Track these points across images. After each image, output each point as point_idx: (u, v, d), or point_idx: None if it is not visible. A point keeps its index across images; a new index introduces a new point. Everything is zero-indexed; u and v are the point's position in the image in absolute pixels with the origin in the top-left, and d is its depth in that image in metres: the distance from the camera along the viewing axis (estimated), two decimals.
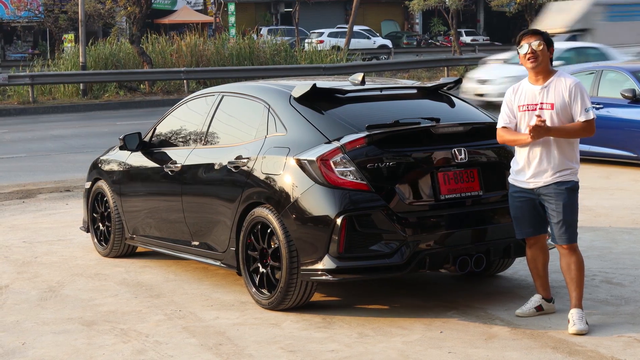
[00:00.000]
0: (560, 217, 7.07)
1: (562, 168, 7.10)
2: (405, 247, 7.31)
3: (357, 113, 7.92)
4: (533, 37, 7.15)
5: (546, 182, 7.11)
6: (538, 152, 7.11)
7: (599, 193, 13.05)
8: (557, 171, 7.09)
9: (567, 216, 7.08)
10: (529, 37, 7.17)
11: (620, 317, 7.42)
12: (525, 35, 7.22)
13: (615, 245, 9.96)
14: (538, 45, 7.10)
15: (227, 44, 38.84)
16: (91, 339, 7.28)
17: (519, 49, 7.19)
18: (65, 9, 49.83)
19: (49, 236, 11.34)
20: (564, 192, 7.07)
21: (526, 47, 7.12)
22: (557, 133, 7.04)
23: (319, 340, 7.04)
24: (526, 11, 49.23)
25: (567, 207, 7.08)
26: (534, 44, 7.10)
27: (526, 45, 7.12)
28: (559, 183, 7.09)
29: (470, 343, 6.87)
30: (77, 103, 32.10)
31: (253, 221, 7.85)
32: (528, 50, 7.12)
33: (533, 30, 7.27)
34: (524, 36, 7.22)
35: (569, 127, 7.08)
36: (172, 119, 9.57)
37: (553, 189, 7.09)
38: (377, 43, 57.26)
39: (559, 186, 7.08)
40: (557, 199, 7.07)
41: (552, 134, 7.02)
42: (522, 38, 7.22)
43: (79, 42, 34.74)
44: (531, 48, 7.10)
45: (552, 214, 7.11)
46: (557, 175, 7.09)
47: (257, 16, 67.68)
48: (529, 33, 7.23)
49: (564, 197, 7.06)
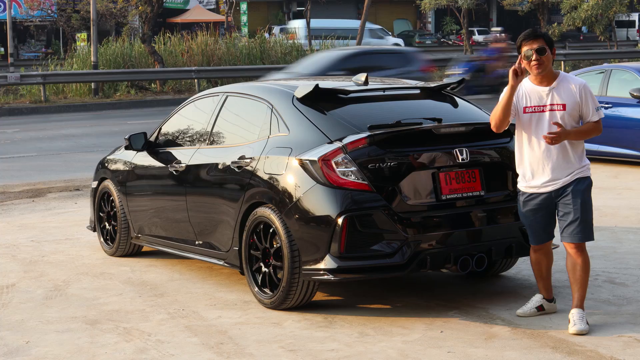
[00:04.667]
0: (577, 214, 7.03)
1: (579, 165, 7.09)
2: (407, 247, 7.33)
3: (359, 113, 7.95)
4: (535, 42, 7.00)
5: (565, 182, 7.07)
6: (553, 154, 7.05)
7: (606, 192, 13.04)
8: (575, 169, 7.07)
9: (584, 214, 7.06)
10: (531, 42, 7.00)
11: (622, 317, 7.43)
12: (526, 40, 7.03)
13: (619, 245, 9.96)
14: (542, 51, 7.00)
15: (239, 43, 38.86)
16: (94, 337, 7.33)
17: (522, 55, 7.02)
18: (78, 8, 49.99)
19: (56, 235, 11.41)
20: (582, 190, 7.05)
21: (531, 54, 6.97)
22: (575, 136, 7.02)
23: (320, 340, 7.07)
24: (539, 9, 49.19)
25: (585, 204, 7.06)
26: (538, 51, 6.99)
27: (530, 51, 6.98)
28: (578, 180, 7.06)
29: (470, 343, 6.89)
30: (88, 102, 32.20)
31: (256, 221, 7.89)
32: (533, 58, 6.98)
33: (534, 34, 7.07)
34: (525, 41, 7.03)
35: (584, 128, 7.06)
36: (177, 119, 9.62)
37: (572, 187, 7.05)
38: (389, 42, 57.25)
39: (577, 184, 7.05)
40: (575, 196, 7.03)
41: (571, 137, 7.00)
42: (523, 42, 7.04)
43: (91, 41, 34.83)
44: (536, 55, 6.98)
45: (568, 212, 7.06)
46: (576, 173, 7.06)
47: (270, 15, 67.76)
48: (530, 37, 7.03)
49: (581, 195, 7.04)
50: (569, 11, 43.15)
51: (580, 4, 42.58)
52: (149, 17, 35.85)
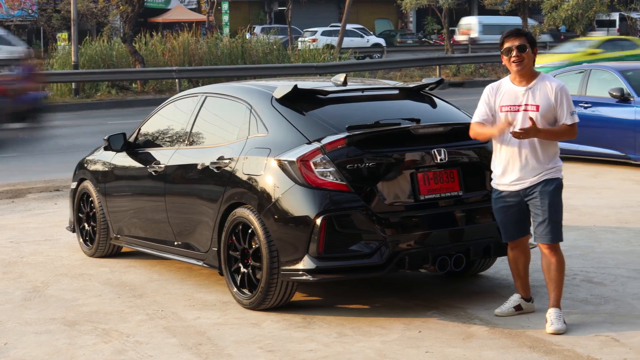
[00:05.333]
0: (545, 215, 7.09)
1: (548, 167, 7.12)
2: (385, 247, 7.35)
3: (338, 114, 7.97)
4: (517, 40, 7.09)
5: (532, 182, 7.12)
6: (522, 153, 7.11)
7: (585, 192, 13.08)
8: (544, 170, 7.11)
9: (552, 215, 7.10)
10: (512, 39, 7.10)
11: (599, 316, 7.46)
12: (508, 37, 7.13)
13: (598, 244, 10.00)
14: (523, 48, 7.09)
15: (220, 43, 38.81)
16: (72, 339, 7.32)
17: (503, 52, 7.13)
18: (59, 7, 49.77)
19: (36, 236, 11.37)
20: (550, 191, 7.08)
21: (511, 51, 7.08)
22: (545, 135, 7.05)
23: (299, 340, 7.08)
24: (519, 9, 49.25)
25: (553, 205, 7.10)
26: (519, 48, 7.09)
27: (511, 48, 7.09)
28: (545, 182, 7.10)
29: (448, 342, 6.91)
30: (69, 102, 32.04)
31: (234, 221, 7.89)
32: (513, 54, 7.08)
33: (516, 32, 7.16)
34: (507, 38, 7.13)
35: (556, 129, 7.09)
36: (157, 119, 9.61)
37: (539, 188, 7.10)
38: (371, 41, 57.32)
39: (545, 185, 7.10)
40: (542, 197, 7.09)
41: (541, 136, 7.03)
42: (505, 40, 7.14)
43: (72, 41, 34.72)
44: (516, 51, 7.08)
45: (537, 213, 7.12)
46: (544, 174, 7.11)
47: (251, 15, 67.70)
48: (513, 35, 7.12)
49: (550, 196, 7.08)
50: (550, 11, 43.23)
51: (561, 3, 42.65)
52: (130, 17, 35.75)
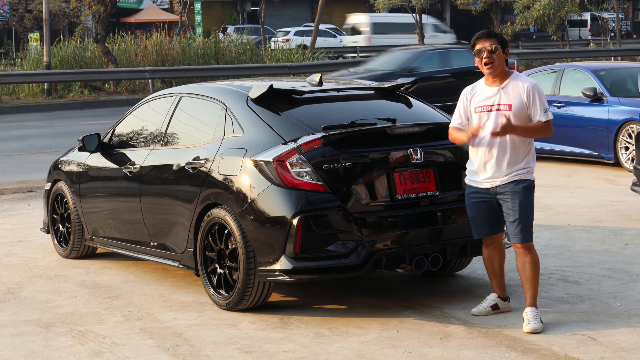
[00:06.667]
0: (516, 215, 7.12)
1: (519, 167, 7.15)
2: (362, 247, 7.35)
3: (313, 114, 7.96)
4: (488, 41, 7.15)
5: (503, 181, 7.16)
6: (494, 152, 7.15)
7: (559, 191, 13.13)
8: (514, 170, 7.14)
9: (522, 215, 7.13)
10: (483, 41, 7.15)
11: (576, 315, 7.49)
12: (479, 38, 7.19)
13: (573, 243, 10.04)
14: (494, 49, 7.12)
15: (193, 43, 38.70)
16: (48, 341, 7.27)
17: (474, 53, 7.20)
18: (30, 7, 49.52)
19: (9, 237, 11.30)
20: (520, 191, 7.12)
21: (482, 52, 7.13)
22: (521, 132, 7.08)
23: (276, 341, 7.07)
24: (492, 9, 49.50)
25: (523, 205, 7.13)
26: (489, 48, 7.12)
27: (482, 49, 7.14)
28: (516, 182, 7.13)
29: (425, 342, 6.92)
30: (41, 103, 31.84)
31: (211, 222, 7.86)
32: (484, 55, 7.12)
33: (487, 33, 7.23)
34: (478, 40, 7.18)
35: (532, 126, 7.13)
36: (131, 120, 9.56)
37: (510, 187, 7.13)
38: (344, 41, 57.27)
39: (516, 185, 7.13)
40: (513, 197, 7.12)
41: (517, 133, 7.06)
42: (476, 42, 7.19)
43: (44, 41, 34.52)
44: (487, 53, 7.12)
45: (508, 213, 7.16)
46: (514, 174, 7.14)
47: (224, 15, 67.53)
48: (483, 36, 7.18)
49: (520, 196, 7.11)
50: (522, 11, 43.42)
51: (533, 3, 42.84)
52: (103, 17, 35.60)
